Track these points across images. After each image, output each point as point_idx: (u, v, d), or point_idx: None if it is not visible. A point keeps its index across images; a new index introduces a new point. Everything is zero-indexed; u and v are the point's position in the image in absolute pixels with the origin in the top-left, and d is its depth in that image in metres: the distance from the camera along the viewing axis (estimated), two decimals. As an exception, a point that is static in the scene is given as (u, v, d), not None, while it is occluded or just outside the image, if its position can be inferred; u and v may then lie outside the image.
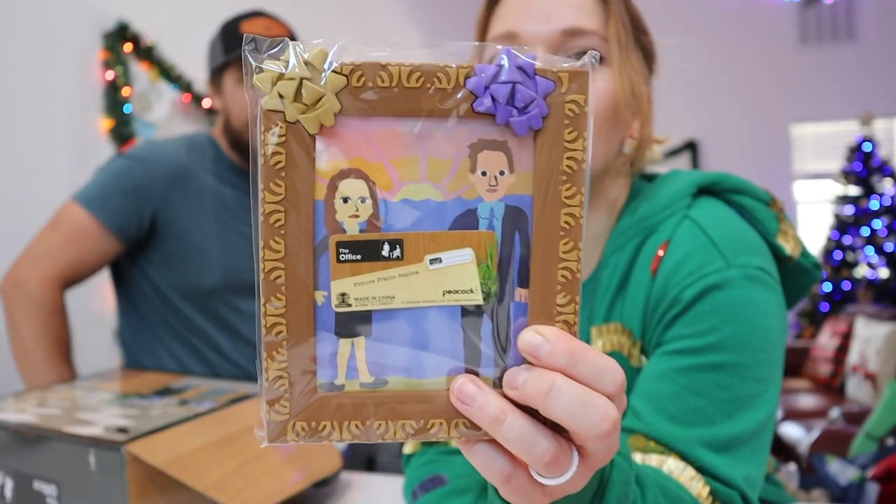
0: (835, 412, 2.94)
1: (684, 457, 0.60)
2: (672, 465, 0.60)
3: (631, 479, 0.47)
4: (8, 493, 0.78)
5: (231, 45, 1.39)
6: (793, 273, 0.74)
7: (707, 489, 0.59)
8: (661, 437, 0.61)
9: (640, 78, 0.71)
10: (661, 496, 0.54)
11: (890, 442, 2.37)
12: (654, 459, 0.61)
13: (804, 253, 0.74)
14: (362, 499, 0.93)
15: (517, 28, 0.70)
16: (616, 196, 0.76)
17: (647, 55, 0.75)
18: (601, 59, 0.69)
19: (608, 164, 0.72)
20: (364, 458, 3.13)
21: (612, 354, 0.71)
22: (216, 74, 1.44)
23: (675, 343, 0.64)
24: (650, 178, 0.80)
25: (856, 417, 2.79)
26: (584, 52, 0.66)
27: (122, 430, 0.74)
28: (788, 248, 0.72)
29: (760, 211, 0.73)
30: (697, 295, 0.64)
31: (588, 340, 0.73)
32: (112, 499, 0.70)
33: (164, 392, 0.92)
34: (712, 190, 0.74)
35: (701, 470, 0.60)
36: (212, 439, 0.77)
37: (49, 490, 0.74)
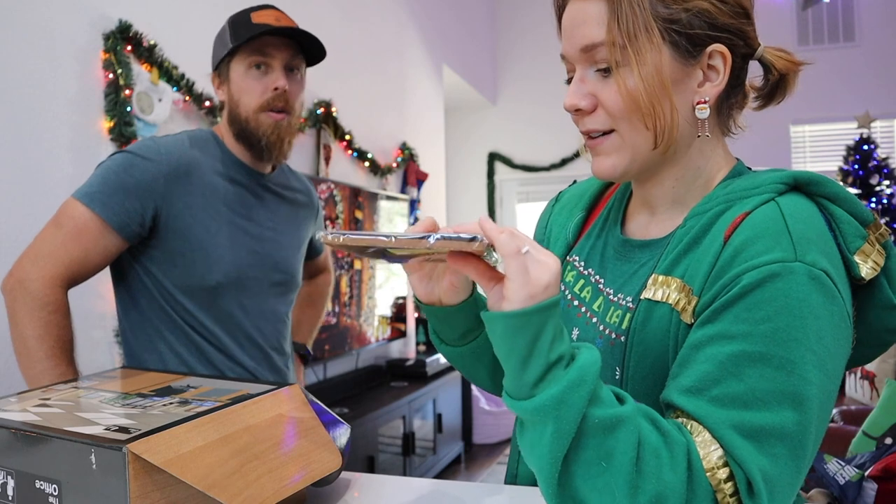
0: (833, 411, 2.95)
1: (713, 434, 0.63)
2: (707, 438, 0.63)
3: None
4: (10, 492, 0.78)
5: (241, 32, 1.39)
6: (878, 307, 0.72)
7: (724, 465, 0.62)
8: (695, 415, 0.64)
9: (652, 64, 0.73)
10: (643, 416, 0.63)
11: (888, 441, 2.37)
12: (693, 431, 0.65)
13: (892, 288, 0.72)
14: (362, 499, 0.93)
15: (563, 50, 0.79)
16: (702, 164, 0.79)
17: (690, 20, 0.73)
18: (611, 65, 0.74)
19: (672, 137, 0.75)
20: (364, 458, 3.13)
21: (660, 305, 0.74)
22: (223, 63, 1.44)
23: (730, 326, 0.65)
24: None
25: (854, 417, 2.80)
26: (606, 68, 0.75)
27: (124, 430, 0.74)
28: (864, 268, 0.70)
29: (849, 226, 0.71)
30: (759, 281, 0.65)
31: (644, 286, 0.77)
32: (113, 498, 0.70)
33: (166, 391, 0.92)
34: (808, 190, 0.74)
35: (724, 449, 0.62)
36: (213, 439, 0.77)
37: (50, 489, 0.75)
